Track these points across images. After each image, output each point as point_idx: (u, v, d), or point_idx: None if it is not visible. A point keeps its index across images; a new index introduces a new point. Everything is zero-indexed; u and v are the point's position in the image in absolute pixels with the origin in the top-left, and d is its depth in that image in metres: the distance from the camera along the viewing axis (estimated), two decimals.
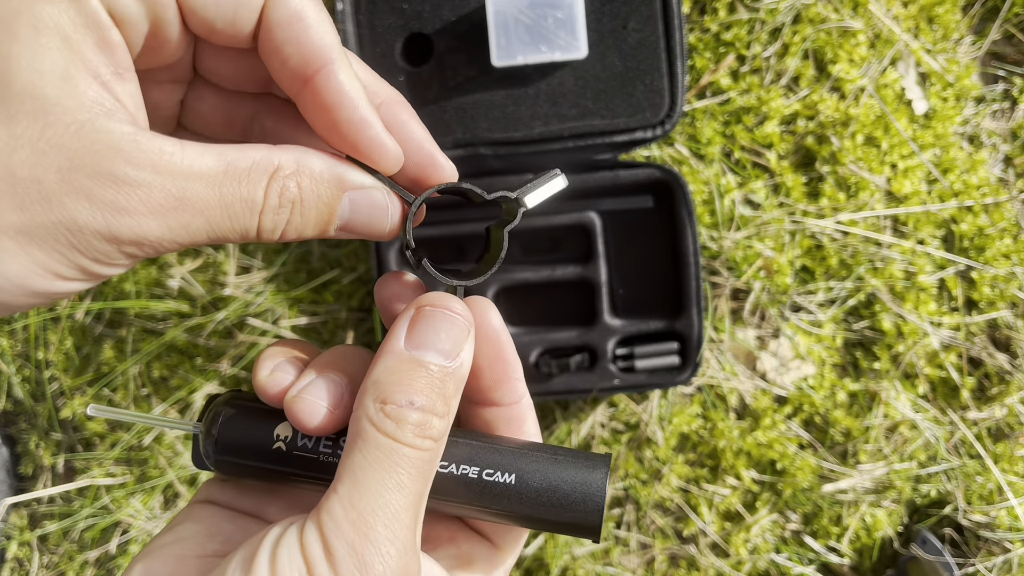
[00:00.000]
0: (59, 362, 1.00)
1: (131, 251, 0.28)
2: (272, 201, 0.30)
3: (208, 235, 0.29)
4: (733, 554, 0.94)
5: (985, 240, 0.89)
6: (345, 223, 0.32)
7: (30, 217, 0.27)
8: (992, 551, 0.90)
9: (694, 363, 0.83)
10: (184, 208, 0.28)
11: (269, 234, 0.31)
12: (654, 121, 0.79)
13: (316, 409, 0.32)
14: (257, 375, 0.34)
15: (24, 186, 0.26)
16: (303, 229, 0.31)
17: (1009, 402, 0.91)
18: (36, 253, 0.27)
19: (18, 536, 1.04)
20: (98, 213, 0.27)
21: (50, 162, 0.27)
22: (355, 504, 0.28)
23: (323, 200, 0.31)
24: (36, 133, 0.27)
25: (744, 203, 0.90)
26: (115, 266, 0.29)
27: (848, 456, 0.94)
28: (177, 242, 0.29)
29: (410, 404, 0.30)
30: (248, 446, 0.34)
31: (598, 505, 0.33)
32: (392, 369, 0.31)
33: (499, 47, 0.74)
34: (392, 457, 0.29)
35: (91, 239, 0.27)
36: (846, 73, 0.88)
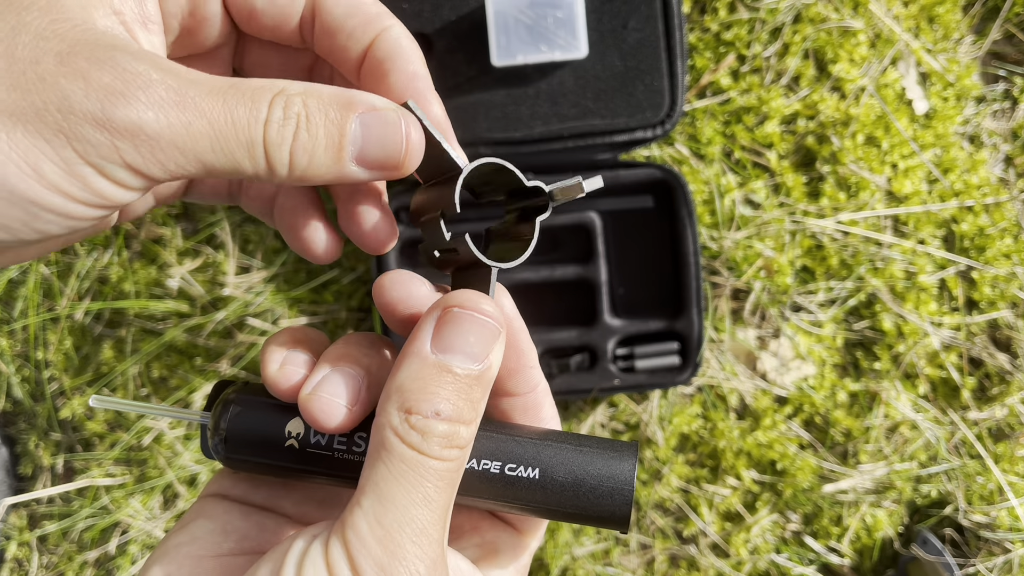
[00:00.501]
0: (58, 362, 1.00)
1: (127, 152, 0.26)
2: (276, 113, 0.28)
3: (211, 144, 0.27)
4: (733, 554, 0.94)
5: (986, 240, 0.89)
6: (360, 152, 0.30)
7: (20, 96, 0.25)
8: (993, 551, 0.89)
9: (694, 363, 0.83)
10: (185, 107, 0.26)
11: (276, 150, 0.28)
12: (654, 121, 0.79)
13: (334, 408, 0.30)
14: (266, 369, 0.32)
15: (21, 66, 0.25)
16: (313, 150, 0.29)
17: (1010, 402, 0.91)
18: (19, 137, 0.25)
19: (17, 536, 1.04)
20: (92, 95, 0.25)
21: (51, 47, 0.25)
22: (381, 520, 0.27)
23: (331, 120, 0.29)
24: (44, 23, 0.26)
25: (744, 203, 0.90)
26: (110, 179, 0.26)
27: (848, 456, 0.94)
28: (177, 146, 0.26)
29: (436, 415, 0.28)
30: (258, 443, 0.33)
31: (627, 498, 0.32)
32: (417, 375, 0.29)
33: (499, 47, 0.74)
34: (418, 470, 0.28)
35: (82, 124, 0.25)
36: (846, 73, 0.88)
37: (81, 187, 0.26)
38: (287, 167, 0.29)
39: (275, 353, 0.32)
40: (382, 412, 0.29)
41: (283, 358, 0.32)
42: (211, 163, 0.27)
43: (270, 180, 0.29)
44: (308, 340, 0.33)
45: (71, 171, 0.25)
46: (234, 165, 0.28)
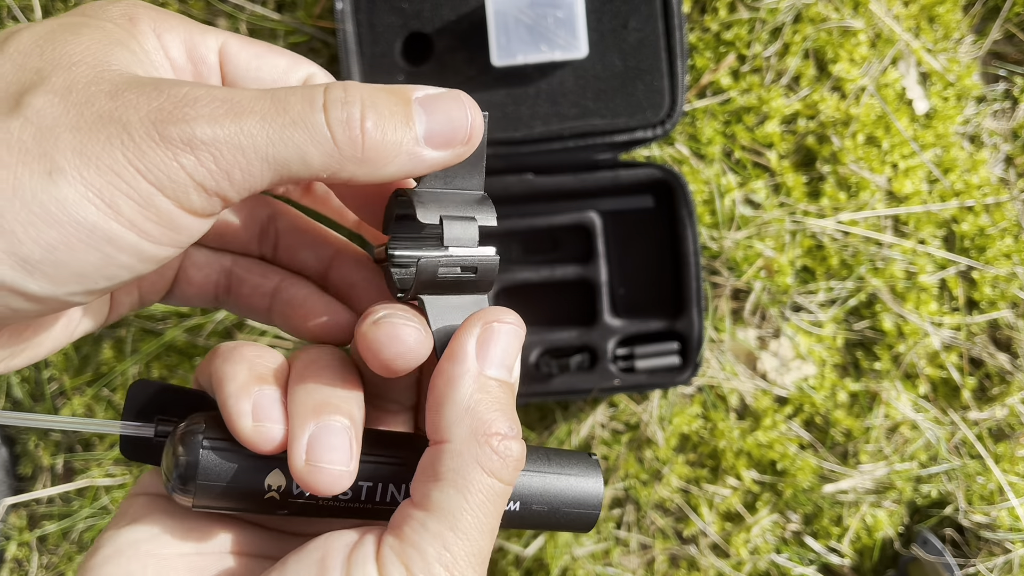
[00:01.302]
0: (58, 362, 1.00)
1: (191, 167, 0.26)
2: (336, 94, 0.27)
3: (267, 134, 0.26)
4: (733, 555, 0.94)
5: (986, 240, 0.89)
6: (427, 130, 0.29)
7: (84, 137, 0.25)
8: (993, 552, 0.89)
9: (694, 363, 0.83)
10: (233, 109, 0.26)
11: (343, 128, 0.27)
12: (654, 120, 0.79)
13: (336, 477, 0.29)
14: (236, 423, 0.29)
15: (77, 109, 0.26)
16: (383, 126, 0.28)
17: (1010, 402, 0.91)
18: (92, 175, 0.25)
19: (17, 536, 1.04)
20: (147, 118, 0.25)
21: (101, 89, 0.26)
22: (450, 548, 0.27)
23: (393, 101, 0.29)
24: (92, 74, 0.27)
25: (744, 203, 0.90)
26: (184, 207, 0.26)
27: (849, 456, 0.94)
28: (241, 149, 0.26)
29: (510, 433, 0.29)
30: (233, 496, 0.30)
31: (595, 516, 0.34)
32: (479, 396, 0.29)
33: (499, 46, 0.74)
34: (492, 498, 0.28)
35: (143, 149, 0.25)
36: (847, 73, 0.88)
37: (156, 221, 0.26)
38: (360, 146, 0.28)
39: (241, 402, 0.29)
40: (452, 439, 0.28)
41: (252, 406, 0.29)
42: (275, 158, 0.27)
43: (342, 169, 0.28)
44: (268, 371, 0.31)
45: (147, 203, 0.26)
46: (300, 155, 0.27)
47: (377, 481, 0.32)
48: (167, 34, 0.31)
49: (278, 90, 0.28)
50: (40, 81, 0.26)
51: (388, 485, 0.32)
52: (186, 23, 0.32)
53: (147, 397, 0.33)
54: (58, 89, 0.26)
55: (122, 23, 0.30)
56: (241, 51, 0.32)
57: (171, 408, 0.33)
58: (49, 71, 0.27)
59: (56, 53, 0.27)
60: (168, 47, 0.31)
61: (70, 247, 0.25)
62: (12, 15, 0.90)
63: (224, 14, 0.88)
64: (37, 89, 0.26)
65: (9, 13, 0.91)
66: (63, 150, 0.25)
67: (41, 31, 0.28)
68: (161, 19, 0.31)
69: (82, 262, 0.25)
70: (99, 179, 0.25)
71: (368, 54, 0.78)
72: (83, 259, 0.25)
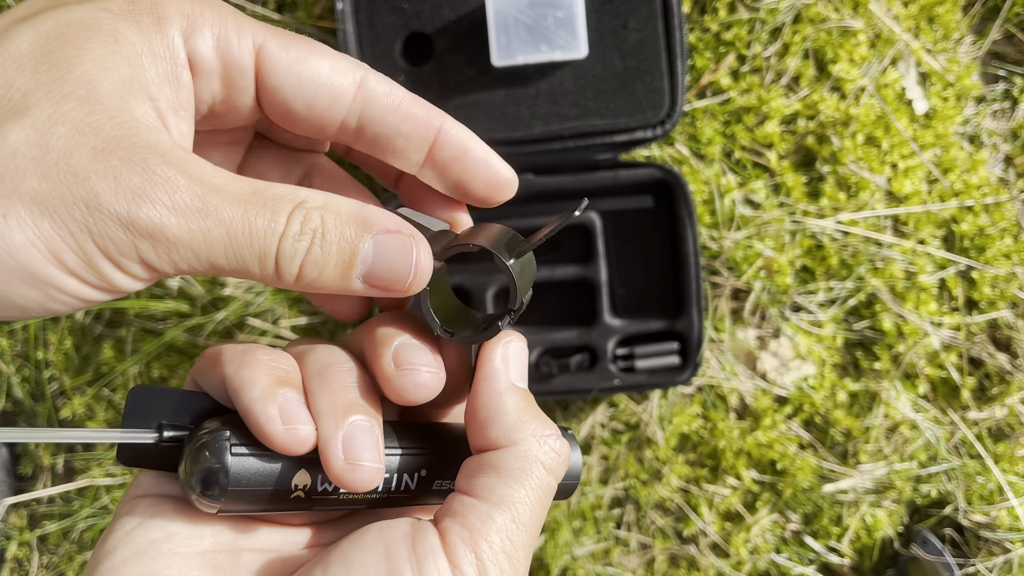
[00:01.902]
0: (58, 362, 1.00)
1: (145, 251, 0.27)
2: (294, 227, 0.29)
3: (225, 251, 0.28)
4: (733, 554, 0.94)
5: (986, 240, 0.89)
6: (368, 270, 0.30)
7: (51, 188, 0.26)
8: (992, 551, 0.89)
9: (694, 363, 0.83)
10: (206, 215, 0.27)
11: (288, 262, 0.29)
12: (654, 121, 0.79)
13: (375, 475, 0.31)
14: (266, 428, 0.30)
15: (54, 156, 0.26)
16: (323, 266, 0.30)
17: (1009, 402, 0.91)
18: (46, 227, 0.26)
19: (18, 536, 1.04)
20: (120, 195, 0.26)
21: (86, 141, 0.26)
22: (512, 539, 0.30)
23: (346, 238, 0.30)
24: (80, 115, 0.27)
25: (744, 203, 0.90)
26: (124, 272, 0.28)
27: (848, 456, 0.94)
28: (193, 250, 0.27)
29: (555, 434, 0.32)
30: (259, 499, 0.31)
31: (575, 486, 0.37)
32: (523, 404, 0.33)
33: (499, 47, 0.74)
34: (549, 494, 0.32)
35: (106, 222, 0.26)
36: (846, 73, 0.88)
37: (96, 276, 0.27)
38: (295, 277, 0.30)
39: (268, 406, 0.30)
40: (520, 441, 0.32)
41: (278, 409, 0.30)
42: (221, 266, 0.29)
43: (273, 284, 0.30)
44: (285, 374, 0.32)
45: (90, 262, 0.27)
46: (243, 269, 0.29)
47: (395, 472, 0.33)
48: (198, 33, 0.30)
49: (251, 202, 0.28)
50: (24, 109, 0.26)
51: (402, 475, 0.34)
52: (222, 17, 0.31)
53: (147, 402, 0.33)
54: (40, 125, 0.26)
55: (146, 23, 0.29)
56: (281, 54, 0.32)
57: (173, 413, 0.33)
58: (37, 99, 0.26)
59: (51, 74, 0.27)
60: (197, 48, 0.30)
61: (12, 285, 0.26)
62: None
63: None
64: (18, 119, 0.26)
65: None
66: (24, 196, 0.26)
67: (46, 32, 0.28)
68: (195, 15, 0.30)
69: (23, 296, 0.27)
70: (52, 233, 0.26)
71: (368, 54, 0.78)
72: (24, 294, 0.27)
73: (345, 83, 0.33)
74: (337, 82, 0.32)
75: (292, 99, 0.32)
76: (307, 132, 0.34)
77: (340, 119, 0.33)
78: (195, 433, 0.31)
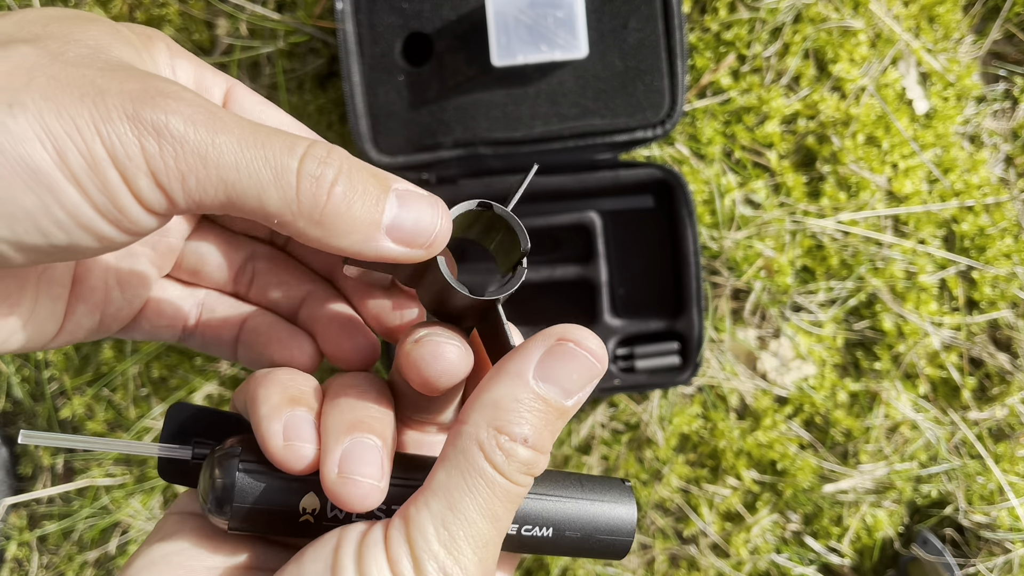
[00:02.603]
0: (58, 362, 1.00)
1: (152, 152, 0.25)
2: (318, 151, 0.27)
3: (236, 160, 0.26)
4: (733, 554, 0.94)
5: (986, 240, 0.89)
6: (394, 220, 0.29)
7: (60, 87, 0.25)
8: (993, 551, 0.89)
9: (694, 363, 0.83)
10: (214, 121, 0.26)
11: (311, 184, 0.27)
12: (654, 121, 0.79)
13: (367, 490, 0.29)
14: (268, 443, 0.30)
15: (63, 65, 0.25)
16: (351, 200, 0.28)
17: (1010, 402, 0.91)
18: (52, 122, 0.24)
19: (17, 536, 1.04)
20: (126, 95, 0.25)
21: (95, 62, 0.26)
22: (448, 527, 0.28)
23: (372, 182, 0.28)
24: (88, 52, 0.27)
25: (745, 203, 0.90)
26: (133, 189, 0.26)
27: (849, 456, 0.94)
28: (200, 155, 0.26)
29: (524, 440, 0.29)
30: (268, 519, 0.31)
31: (628, 543, 0.34)
32: (515, 397, 0.29)
33: (499, 46, 0.74)
34: (493, 488, 0.28)
35: (112, 118, 0.25)
36: (847, 73, 0.88)
37: (101, 189, 0.25)
38: (321, 206, 0.27)
39: (273, 423, 0.30)
40: (468, 422, 0.29)
41: (283, 427, 0.30)
42: (234, 183, 0.26)
43: (293, 223, 0.28)
44: (301, 394, 0.31)
45: (95, 167, 0.25)
46: (258, 192, 0.27)
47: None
48: (180, 59, 0.31)
49: (267, 127, 0.27)
50: (33, 39, 0.26)
51: None
52: (198, 60, 0.32)
53: (185, 420, 0.34)
54: (49, 49, 0.26)
55: (136, 41, 0.30)
56: (247, 97, 0.32)
57: (208, 431, 0.34)
58: (46, 38, 0.26)
59: (60, 29, 0.27)
60: (177, 70, 0.31)
61: (7, 182, 0.24)
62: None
63: (224, 14, 0.88)
64: (28, 43, 0.26)
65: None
66: (31, 90, 0.24)
67: (51, 11, 0.28)
68: (176, 48, 0.31)
69: (16, 202, 0.24)
70: (57, 126, 0.24)
71: (368, 54, 0.78)
72: (18, 199, 0.24)
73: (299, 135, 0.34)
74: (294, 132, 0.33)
75: None
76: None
77: None
78: (214, 450, 0.32)
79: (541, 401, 0.29)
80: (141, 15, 0.89)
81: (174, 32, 0.89)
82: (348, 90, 0.78)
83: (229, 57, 0.88)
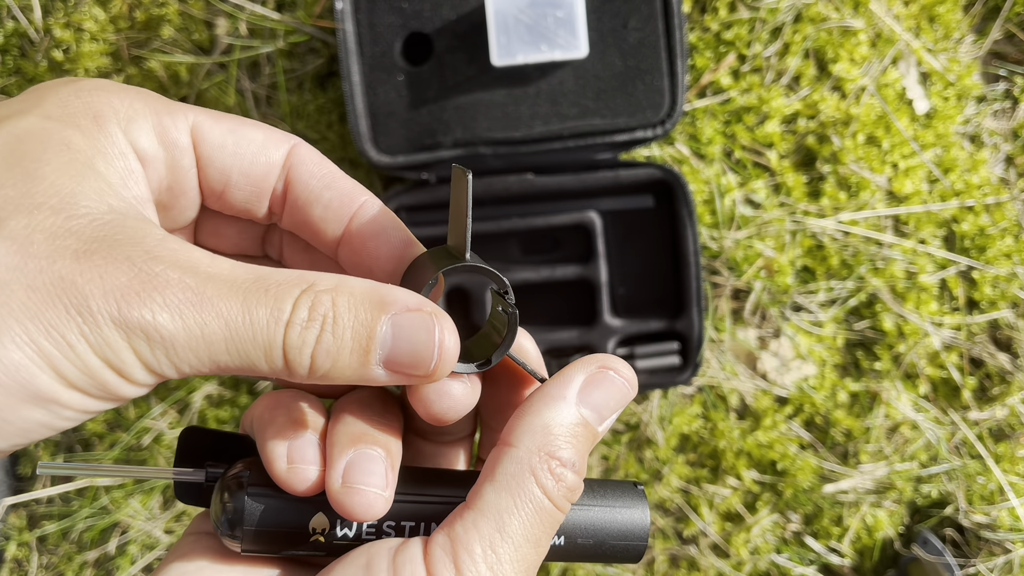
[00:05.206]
0: None
1: (143, 352, 0.25)
2: (300, 314, 0.27)
3: (227, 346, 0.26)
4: (734, 555, 0.94)
5: (986, 240, 0.89)
6: (388, 355, 0.28)
7: (40, 299, 0.24)
8: (993, 552, 0.89)
9: (694, 363, 0.83)
10: (202, 307, 0.26)
11: (296, 354, 0.27)
12: (654, 120, 0.79)
13: (371, 498, 0.29)
14: (273, 466, 0.30)
15: (37, 264, 0.25)
16: (337, 354, 0.28)
17: (1010, 402, 0.91)
18: (43, 343, 0.24)
19: (17, 536, 1.04)
20: (109, 296, 0.25)
21: (67, 245, 0.25)
22: (496, 549, 0.28)
23: (360, 321, 0.28)
24: (58, 222, 0.26)
25: (745, 203, 0.90)
26: (128, 379, 0.26)
27: (849, 456, 0.93)
28: (191, 348, 0.26)
29: (572, 465, 0.30)
30: (278, 540, 0.31)
31: (642, 549, 0.34)
32: (564, 422, 0.30)
33: (499, 46, 0.74)
34: (541, 513, 0.29)
35: (100, 327, 0.25)
36: (847, 72, 0.88)
37: (99, 388, 0.26)
38: (307, 370, 0.28)
39: (276, 446, 0.30)
40: (518, 445, 0.29)
41: (287, 450, 0.30)
42: (225, 363, 0.27)
43: (287, 380, 0.29)
44: (306, 416, 0.31)
45: (92, 375, 0.25)
46: (249, 365, 0.27)
47: (420, 520, 0.32)
48: (134, 124, 0.30)
49: (251, 291, 0.27)
50: None
51: (431, 525, 0.32)
52: (153, 106, 0.31)
53: (197, 443, 0.34)
54: (18, 237, 0.25)
55: (87, 127, 0.29)
56: (214, 127, 0.32)
57: (221, 453, 0.34)
58: (9, 212, 0.25)
59: (16, 190, 0.26)
60: (137, 139, 0.30)
61: (14, 408, 0.25)
62: (12, 15, 0.90)
63: (224, 14, 0.88)
64: None
65: (9, 13, 0.90)
66: (15, 310, 0.24)
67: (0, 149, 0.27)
68: (126, 107, 0.30)
69: (26, 419, 0.25)
70: (49, 346, 0.24)
71: (368, 54, 0.78)
72: (27, 416, 0.25)
73: (279, 149, 0.33)
74: (272, 148, 0.33)
75: (229, 167, 0.32)
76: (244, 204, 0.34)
77: (273, 184, 0.33)
78: (224, 473, 0.32)
79: (583, 426, 0.30)
80: (141, 15, 0.89)
81: (174, 32, 0.89)
82: (348, 90, 0.78)
83: (229, 57, 0.88)
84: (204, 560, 0.32)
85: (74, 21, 0.89)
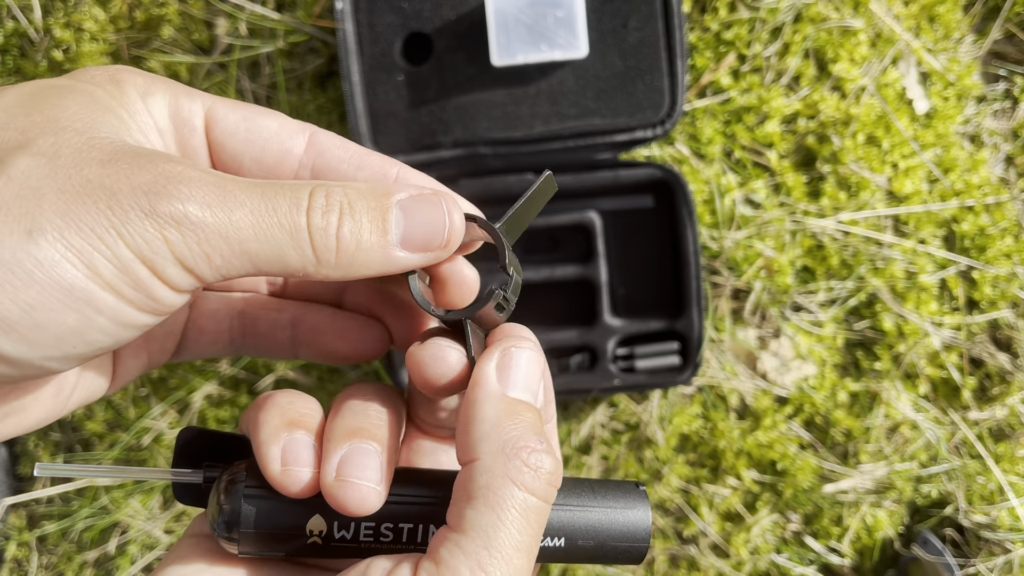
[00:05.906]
0: None
1: (176, 243, 0.26)
2: (319, 200, 0.28)
3: (255, 232, 0.27)
4: (733, 555, 0.94)
5: (986, 240, 0.89)
6: (403, 233, 0.30)
7: (70, 199, 0.25)
8: (993, 552, 0.89)
9: (694, 363, 0.83)
10: (226, 197, 0.27)
11: (322, 236, 0.28)
12: (654, 120, 0.79)
13: (364, 492, 0.29)
14: (267, 468, 0.30)
15: (66, 172, 0.25)
16: (359, 234, 0.29)
17: (1010, 402, 0.91)
18: (75, 238, 0.25)
19: (17, 536, 1.04)
20: (137, 191, 0.26)
21: (92, 156, 0.26)
22: (484, 567, 0.27)
23: (372, 206, 0.29)
24: (82, 141, 0.27)
25: (745, 203, 0.90)
26: (163, 278, 0.26)
27: (849, 456, 0.93)
28: (222, 234, 0.26)
29: (543, 448, 0.29)
30: (276, 542, 0.31)
31: (643, 550, 0.34)
32: (508, 414, 0.29)
33: (499, 46, 0.74)
34: (526, 515, 0.28)
35: (131, 218, 0.25)
36: (847, 72, 0.88)
37: (134, 287, 0.26)
38: (335, 253, 0.29)
39: (271, 447, 0.30)
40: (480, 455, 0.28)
41: (282, 451, 0.30)
42: (256, 253, 0.27)
43: (316, 272, 0.29)
44: (301, 417, 0.32)
45: (125, 269, 0.26)
46: (279, 255, 0.28)
47: (418, 522, 0.32)
48: (151, 97, 0.31)
49: (268, 186, 0.28)
50: (26, 143, 0.26)
51: (430, 527, 0.32)
52: (172, 87, 0.32)
53: (196, 443, 0.34)
54: (45, 152, 0.26)
55: (109, 88, 0.30)
56: (229, 113, 0.32)
57: (220, 454, 0.34)
58: (35, 133, 0.26)
59: (43, 116, 0.27)
60: (152, 110, 0.31)
61: (49, 307, 0.25)
62: (12, 15, 0.90)
63: (224, 13, 0.88)
64: (23, 150, 0.26)
65: (9, 13, 0.90)
66: (46, 210, 0.25)
67: (26, 91, 0.28)
68: (146, 83, 0.31)
69: (60, 324, 0.25)
70: (80, 241, 0.25)
71: (368, 54, 0.78)
72: (61, 320, 0.25)
73: (295, 137, 0.33)
74: (286, 136, 0.33)
75: (241, 153, 0.32)
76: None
77: (292, 174, 0.33)
78: (221, 475, 0.32)
79: (523, 407, 0.30)
80: (141, 15, 0.89)
81: (174, 32, 0.89)
82: (348, 90, 0.78)
83: (228, 57, 0.88)
84: (202, 563, 0.32)
85: (74, 21, 0.89)
